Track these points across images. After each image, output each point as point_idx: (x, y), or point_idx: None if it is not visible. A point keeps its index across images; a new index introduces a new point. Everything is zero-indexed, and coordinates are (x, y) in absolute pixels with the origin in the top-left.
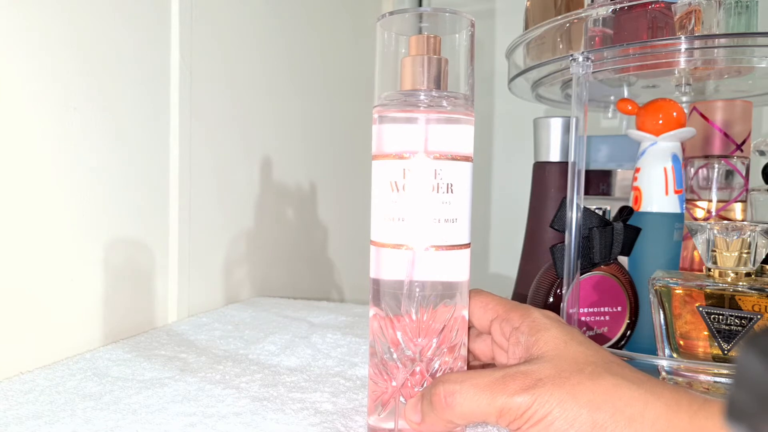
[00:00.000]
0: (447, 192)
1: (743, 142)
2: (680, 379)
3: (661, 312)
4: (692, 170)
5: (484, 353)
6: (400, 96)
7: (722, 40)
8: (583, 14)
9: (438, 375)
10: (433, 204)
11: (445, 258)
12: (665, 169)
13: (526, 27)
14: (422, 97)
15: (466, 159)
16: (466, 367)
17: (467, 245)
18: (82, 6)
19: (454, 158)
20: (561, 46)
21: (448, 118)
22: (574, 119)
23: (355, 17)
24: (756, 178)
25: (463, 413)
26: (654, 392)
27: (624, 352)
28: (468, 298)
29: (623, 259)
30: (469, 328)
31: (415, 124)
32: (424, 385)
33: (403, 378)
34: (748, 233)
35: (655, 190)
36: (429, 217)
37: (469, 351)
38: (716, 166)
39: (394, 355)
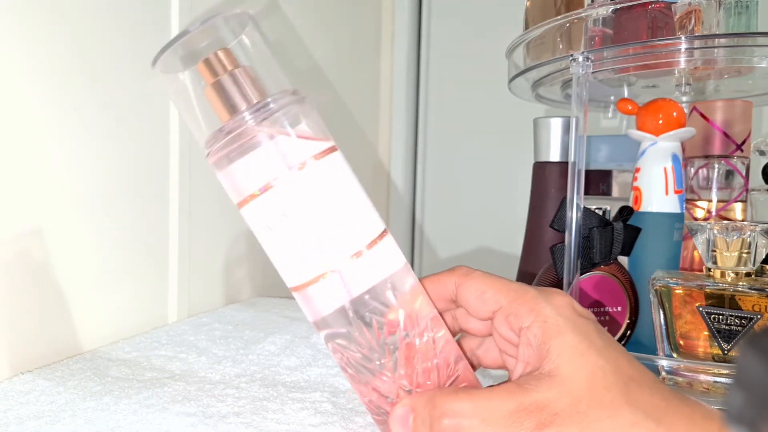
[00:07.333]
0: (330, 195)
1: (743, 142)
2: (680, 379)
3: (661, 312)
4: (692, 170)
5: (480, 331)
6: (227, 128)
7: (722, 40)
8: (583, 14)
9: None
10: (323, 214)
11: (370, 259)
12: (665, 169)
13: (526, 27)
14: (249, 117)
15: (330, 150)
16: (452, 342)
17: (384, 232)
18: (81, 6)
19: (316, 158)
20: (561, 46)
21: (288, 122)
22: (574, 119)
23: (355, 16)
24: (756, 178)
25: None
26: (671, 429)
27: None
28: (409, 279)
29: (623, 259)
30: (447, 312)
31: (262, 147)
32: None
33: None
34: (748, 233)
35: (655, 190)
36: (328, 230)
37: (459, 330)
38: (716, 166)
39: (389, 399)
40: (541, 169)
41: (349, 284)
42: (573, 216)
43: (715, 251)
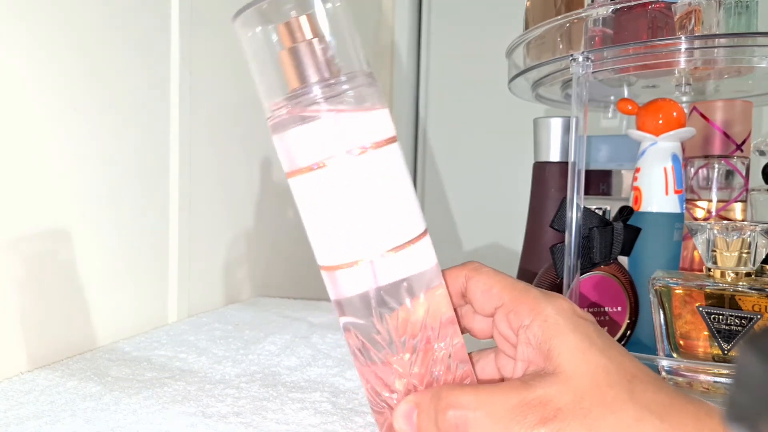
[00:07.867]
0: (382, 186)
1: (743, 142)
2: (680, 378)
3: (661, 312)
4: (692, 170)
5: (483, 332)
6: (294, 97)
7: (722, 40)
8: (583, 14)
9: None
10: (372, 204)
11: (405, 256)
12: (665, 169)
13: (526, 27)
14: (318, 91)
15: (390, 141)
16: (464, 349)
17: (424, 233)
18: (82, 6)
19: (377, 146)
20: (561, 46)
21: (356, 103)
22: (574, 119)
23: (355, 16)
24: (756, 178)
25: None
26: (676, 427)
27: None
28: (437, 280)
29: (623, 259)
30: (456, 309)
31: (324, 123)
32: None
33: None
34: (748, 233)
35: (655, 190)
36: (373, 221)
37: (464, 329)
38: (716, 166)
39: (399, 384)
40: (541, 169)
41: (379, 276)
42: (573, 216)
43: (715, 251)
